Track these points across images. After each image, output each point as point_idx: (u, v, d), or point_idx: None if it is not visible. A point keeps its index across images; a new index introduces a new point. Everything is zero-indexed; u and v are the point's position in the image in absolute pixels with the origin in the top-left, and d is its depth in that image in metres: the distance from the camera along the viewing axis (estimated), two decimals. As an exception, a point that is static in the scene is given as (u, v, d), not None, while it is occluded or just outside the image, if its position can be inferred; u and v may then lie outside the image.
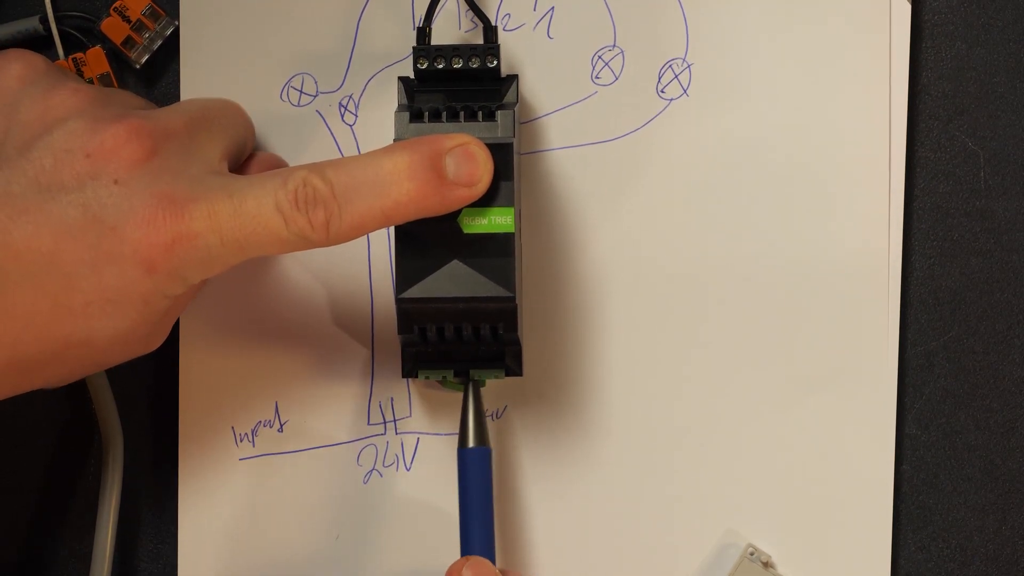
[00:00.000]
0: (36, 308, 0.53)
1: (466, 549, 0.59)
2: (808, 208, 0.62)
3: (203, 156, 0.56)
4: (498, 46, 0.59)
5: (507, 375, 0.59)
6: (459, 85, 0.59)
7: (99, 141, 0.54)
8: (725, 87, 0.62)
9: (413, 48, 0.59)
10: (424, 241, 0.57)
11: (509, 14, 0.62)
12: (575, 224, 0.62)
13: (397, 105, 0.59)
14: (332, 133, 0.63)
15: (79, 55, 0.62)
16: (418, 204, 0.55)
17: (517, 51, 0.62)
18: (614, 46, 0.62)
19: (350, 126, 0.63)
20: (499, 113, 0.58)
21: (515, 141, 0.58)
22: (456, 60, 0.59)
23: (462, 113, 0.58)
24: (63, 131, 0.54)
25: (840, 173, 0.62)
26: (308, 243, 0.55)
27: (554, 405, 0.62)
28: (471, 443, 0.59)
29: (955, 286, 0.63)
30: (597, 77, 0.62)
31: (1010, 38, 0.63)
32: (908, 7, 0.62)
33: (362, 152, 0.61)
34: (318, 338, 0.63)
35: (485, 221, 0.57)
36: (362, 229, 0.55)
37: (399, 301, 0.57)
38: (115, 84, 0.62)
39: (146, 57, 0.62)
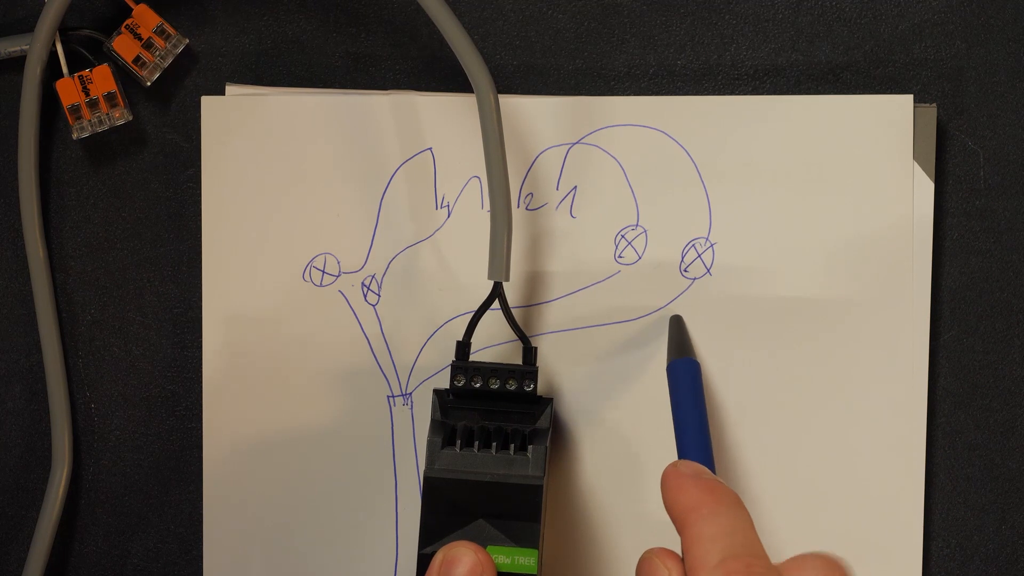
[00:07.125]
0: None
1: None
2: (838, 390, 0.62)
3: None
4: (536, 369, 0.59)
5: None
6: (494, 404, 0.59)
7: None
8: (748, 266, 0.62)
9: (452, 364, 0.59)
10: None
11: (532, 193, 0.62)
12: (598, 402, 0.62)
13: (431, 421, 0.59)
14: (355, 313, 0.63)
15: (85, 72, 0.62)
16: None
17: (540, 230, 0.62)
18: (637, 225, 0.62)
19: (373, 306, 0.63)
20: (531, 448, 0.58)
21: (544, 481, 0.57)
22: (493, 381, 0.59)
23: (494, 444, 0.57)
24: None
25: (868, 348, 0.62)
26: None
27: None
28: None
29: (955, 286, 0.63)
30: (620, 256, 0.62)
31: (1010, 38, 0.63)
32: (932, 186, 0.62)
33: (386, 333, 0.62)
34: None
35: (508, 560, 0.57)
36: None
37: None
38: (121, 102, 0.62)
39: (156, 75, 0.62)
